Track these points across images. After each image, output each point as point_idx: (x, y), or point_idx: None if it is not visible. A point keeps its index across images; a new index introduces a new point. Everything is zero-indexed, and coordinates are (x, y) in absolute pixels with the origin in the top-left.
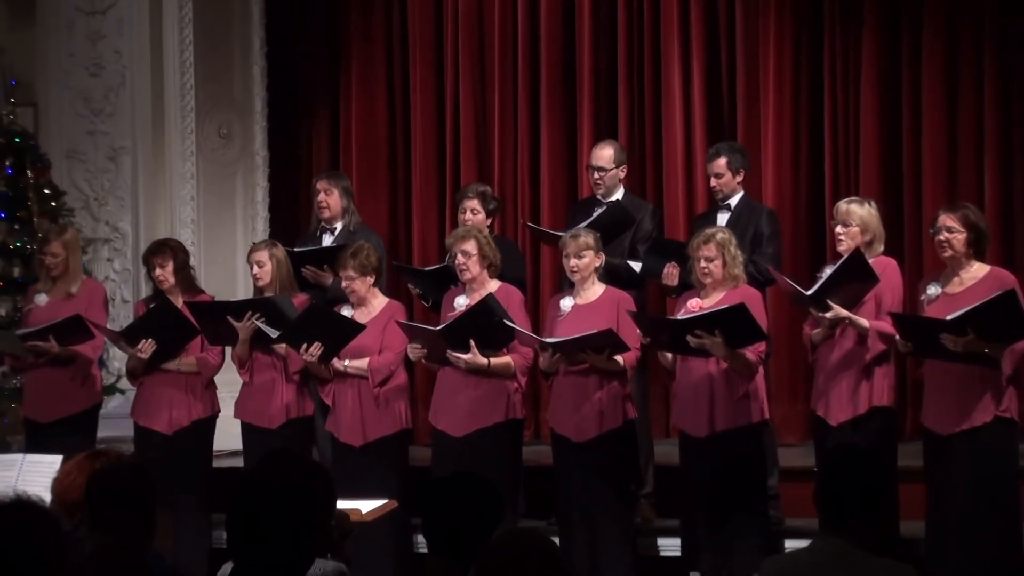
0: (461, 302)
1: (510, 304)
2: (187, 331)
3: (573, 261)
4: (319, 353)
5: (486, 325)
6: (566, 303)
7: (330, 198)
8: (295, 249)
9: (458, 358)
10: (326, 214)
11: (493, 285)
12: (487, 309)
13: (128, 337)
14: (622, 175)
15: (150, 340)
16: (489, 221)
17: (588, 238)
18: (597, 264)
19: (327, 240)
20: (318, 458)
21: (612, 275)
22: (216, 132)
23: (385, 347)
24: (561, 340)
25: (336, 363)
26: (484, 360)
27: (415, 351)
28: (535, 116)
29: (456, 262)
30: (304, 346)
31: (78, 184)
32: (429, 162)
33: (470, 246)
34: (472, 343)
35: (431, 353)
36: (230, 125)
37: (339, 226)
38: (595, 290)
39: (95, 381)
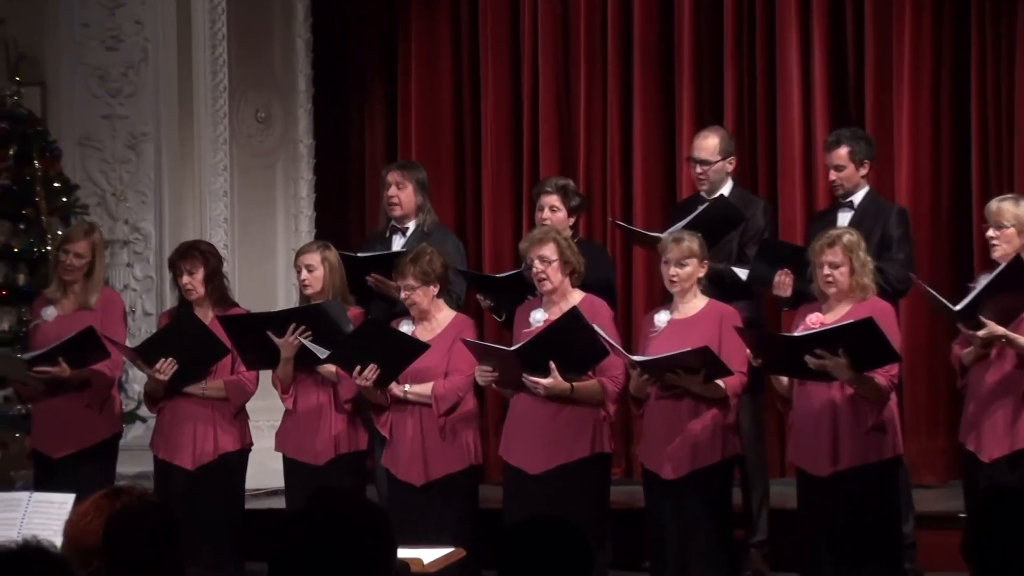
0: (538, 317)
1: (597, 319)
2: (214, 349)
3: (673, 270)
4: (375, 376)
5: (570, 343)
6: (661, 318)
7: (403, 193)
8: (360, 254)
9: (536, 382)
10: (397, 212)
11: (576, 296)
12: (571, 324)
13: (145, 355)
14: (729, 168)
15: (170, 359)
16: (572, 220)
17: (693, 243)
18: (701, 274)
19: (398, 243)
20: (374, 499)
21: (714, 282)
22: (253, 116)
23: (452, 369)
24: (649, 359)
25: (395, 388)
26: (567, 384)
27: (485, 375)
28: (627, 98)
29: (532, 270)
30: (358, 368)
31: (93, 176)
32: (502, 151)
33: (548, 250)
34: (553, 365)
35: (503, 377)
36: (269, 108)
37: (411, 226)
38: (696, 303)
39: (113, 407)
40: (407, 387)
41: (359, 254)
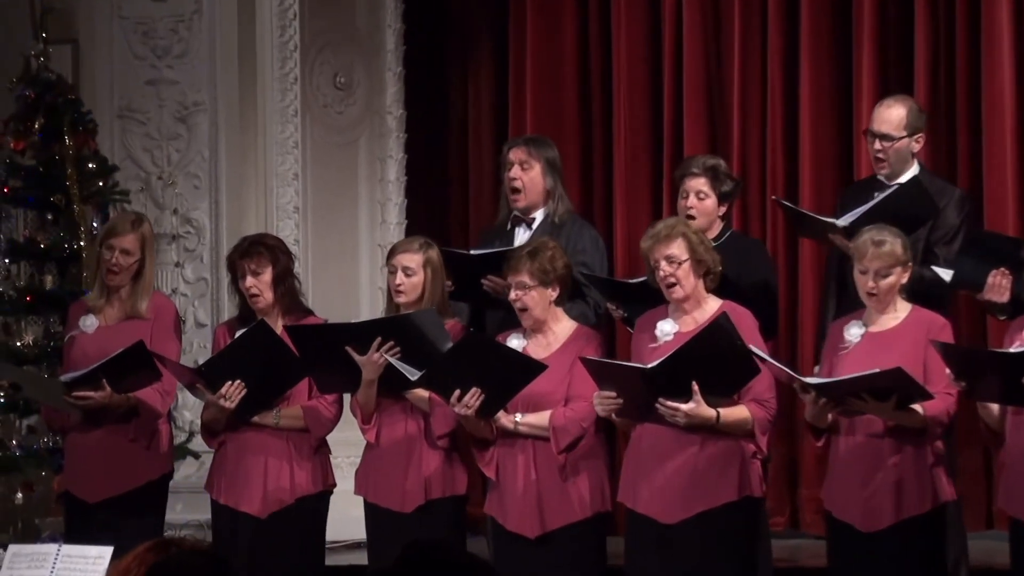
0: (667, 330)
1: (741, 330)
2: (291, 369)
3: (872, 283)
4: (478, 404)
5: (715, 360)
6: (854, 331)
7: (528, 175)
8: (473, 251)
9: (676, 409)
10: (521, 199)
11: (712, 303)
12: (718, 336)
13: (207, 377)
14: (916, 147)
15: (238, 382)
16: (723, 209)
17: (896, 245)
18: (904, 280)
19: (522, 238)
20: (477, 553)
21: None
22: (331, 81)
23: (574, 395)
24: (824, 382)
25: (503, 419)
26: (711, 411)
27: (605, 402)
28: (792, 59)
29: (658, 273)
30: (457, 393)
31: (135, 156)
32: (638, 125)
33: (677, 248)
34: (695, 387)
35: (629, 404)
36: (351, 71)
37: (539, 216)
38: (896, 312)
39: (162, 441)
40: (518, 417)
41: (472, 251)
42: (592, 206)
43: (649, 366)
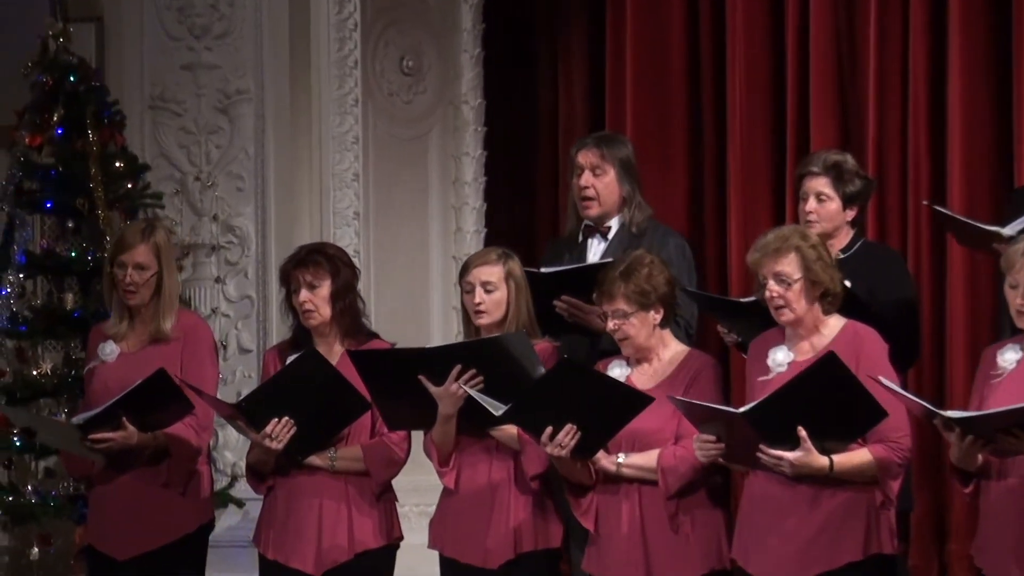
0: (780, 359)
1: (864, 357)
2: (350, 402)
3: (1020, 300)
4: (574, 443)
5: (827, 400)
6: (1009, 356)
7: (601, 181)
8: (542, 270)
9: (779, 458)
10: (593, 208)
11: (834, 325)
12: (826, 374)
13: (249, 413)
14: None
15: (285, 419)
16: (851, 214)
17: None
18: None
19: (596, 251)
20: None
21: None
22: (398, 65)
23: (686, 432)
24: (971, 415)
25: (603, 460)
26: (822, 460)
27: (706, 448)
28: (939, 39)
29: (767, 292)
30: (549, 430)
31: (169, 153)
32: (756, 116)
33: (787, 264)
34: (802, 433)
35: (734, 449)
36: (419, 54)
37: (614, 225)
38: None
39: (200, 487)
40: (621, 457)
41: (542, 269)
42: (703, 210)
43: (742, 410)
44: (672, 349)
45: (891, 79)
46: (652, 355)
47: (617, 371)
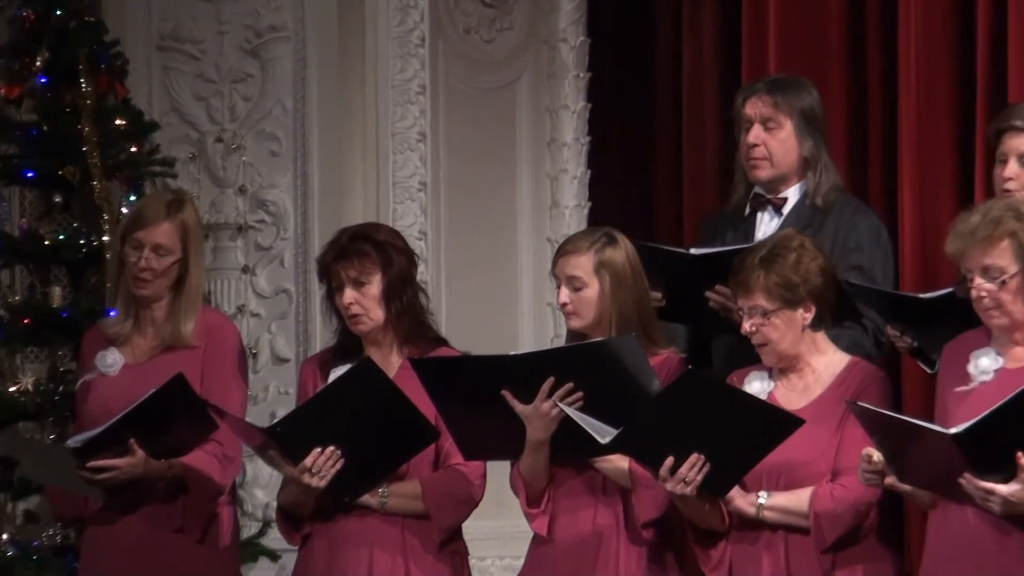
0: (986, 364)
1: None
2: (415, 429)
3: None
4: (701, 477)
5: None
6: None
7: (776, 137)
8: (692, 250)
9: (990, 491)
10: (765, 171)
11: None
12: None
13: (286, 441)
14: None
15: (330, 449)
16: None
17: None
18: None
19: (767, 226)
20: None
21: None
22: None
23: (845, 466)
24: None
25: (739, 500)
26: None
27: (870, 474)
28: None
29: (974, 291)
30: (670, 461)
31: (183, 107)
32: (936, 57)
33: (1001, 255)
34: (1021, 460)
35: (916, 471)
36: None
37: (792, 195)
38: None
39: (222, 533)
40: (761, 497)
41: (692, 250)
42: (866, 179)
43: (954, 431)
44: (828, 358)
45: None
46: (801, 365)
47: (756, 385)
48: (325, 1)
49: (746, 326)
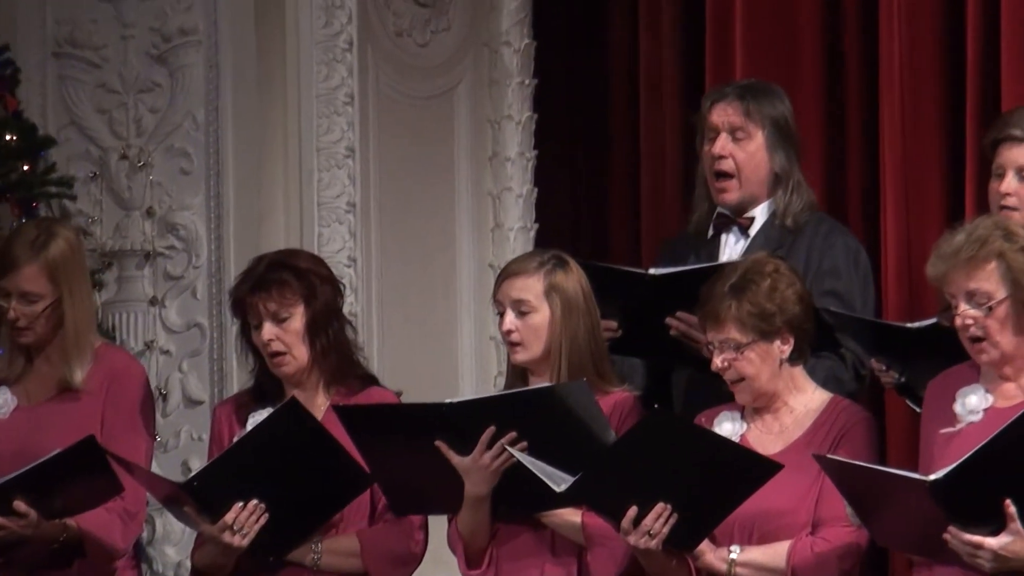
0: (974, 403)
1: None
2: (346, 475)
3: None
4: (667, 530)
5: None
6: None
7: (744, 149)
8: (651, 270)
9: (977, 545)
10: (732, 190)
11: None
12: None
13: (201, 495)
14: None
15: (253, 503)
16: None
17: None
18: None
19: (733, 248)
20: None
21: None
22: None
23: (827, 517)
24: None
25: (709, 554)
26: None
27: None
28: None
29: (958, 319)
30: (632, 512)
31: (83, 120)
32: (921, 61)
33: (987, 279)
34: (1009, 508)
35: (904, 531)
36: None
37: (760, 214)
38: None
39: None
40: (734, 551)
41: (651, 271)
42: (844, 200)
43: (932, 477)
44: (807, 396)
45: None
46: (778, 404)
47: (727, 426)
48: (241, 1)
49: (717, 361)
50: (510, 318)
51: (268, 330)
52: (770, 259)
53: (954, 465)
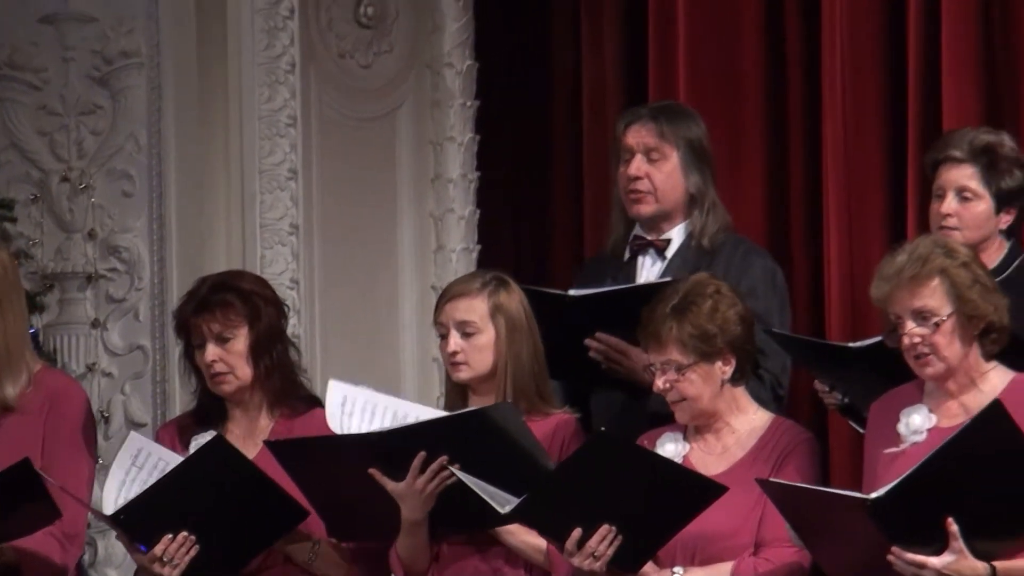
0: (918, 424)
1: None
2: (278, 509)
3: None
4: (611, 551)
5: (989, 479)
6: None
7: (660, 170)
8: (571, 292)
9: (921, 565)
10: (647, 207)
11: (997, 379)
12: (988, 439)
13: (130, 527)
14: None
15: (182, 535)
16: (1007, 218)
17: None
18: None
19: (649, 270)
20: None
21: None
22: (352, 13)
23: (770, 537)
24: None
25: None
26: (980, 566)
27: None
28: None
29: (902, 336)
30: (577, 534)
31: (23, 144)
32: (863, 82)
33: (932, 296)
34: (951, 527)
35: (846, 553)
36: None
37: (676, 236)
38: None
39: None
40: (677, 572)
41: (570, 292)
42: (787, 221)
43: (873, 496)
44: (749, 416)
45: None
46: (719, 425)
47: (669, 448)
48: (183, 24)
49: (659, 383)
50: (455, 339)
51: (212, 351)
52: (711, 280)
53: (894, 483)
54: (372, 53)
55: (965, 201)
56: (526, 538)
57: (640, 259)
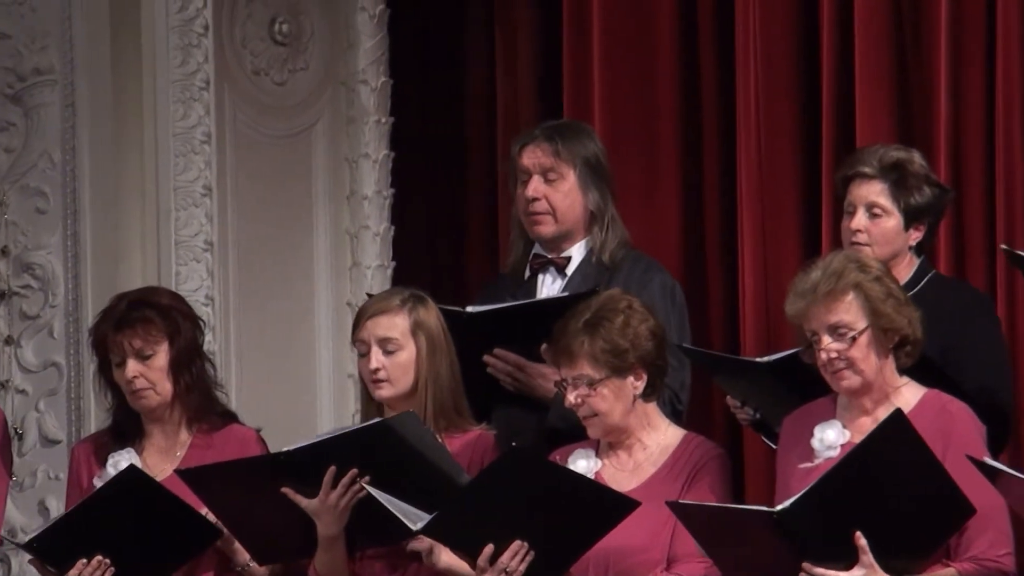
0: (831, 438)
1: (954, 434)
2: (192, 529)
3: None
4: (524, 567)
5: (896, 492)
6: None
7: (556, 189)
8: (470, 309)
9: None
10: (547, 226)
11: (910, 393)
12: (892, 448)
13: (44, 553)
14: None
15: (97, 559)
16: (916, 235)
17: None
18: None
19: (549, 288)
20: None
21: None
22: (267, 30)
23: (682, 552)
24: None
25: None
26: None
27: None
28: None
29: (818, 351)
30: (489, 550)
31: None
32: (776, 97)
33: (847, 311)
34: (860, 541)
35: (758, 572)
36: (297, 14)
37: (576, 254)
38: None
39: None
40: None
41: (468, 309)
42: (702, 238)
43: (779, 508)
44: (661, 432)
45: (969, 48)
46: (631, 441)
47: (582, 464)
48: (97, 41)
49: (570, 398)
50: (377, 356)
51: (132, 367)
52: (624, 295)
53: (799, 495)
54: (287, 70)
55: (875, 217)
56: (441, 562)
57: (540, 277)
